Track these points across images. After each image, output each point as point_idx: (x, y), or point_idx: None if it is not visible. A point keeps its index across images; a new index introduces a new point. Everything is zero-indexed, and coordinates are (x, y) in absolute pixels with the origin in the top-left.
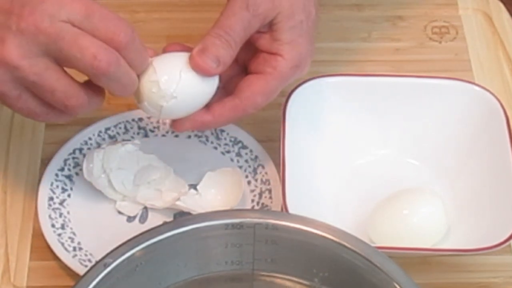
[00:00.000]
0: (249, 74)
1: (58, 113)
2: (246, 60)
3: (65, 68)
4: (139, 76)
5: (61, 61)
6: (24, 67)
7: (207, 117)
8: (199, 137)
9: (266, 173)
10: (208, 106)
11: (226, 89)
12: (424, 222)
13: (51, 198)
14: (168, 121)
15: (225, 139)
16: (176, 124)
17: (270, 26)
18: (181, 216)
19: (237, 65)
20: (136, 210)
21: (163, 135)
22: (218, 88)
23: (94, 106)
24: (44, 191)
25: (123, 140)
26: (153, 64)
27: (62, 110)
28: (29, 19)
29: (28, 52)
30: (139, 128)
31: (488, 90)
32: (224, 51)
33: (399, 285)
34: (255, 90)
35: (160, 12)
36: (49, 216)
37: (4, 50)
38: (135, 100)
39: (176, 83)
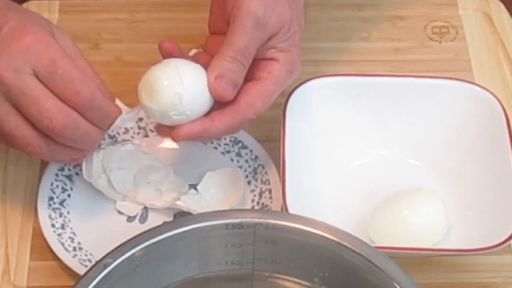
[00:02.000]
0: (245, 82)
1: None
2: None
3: None
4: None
5: (22, 112)
6: None
7: (207, 123)
8: (207, 141)
9: (266, 173)
10: (207, 114)
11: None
12: (424, 222)
13: (51, 198)
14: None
15: (225, 139)
16: (175, 134)
17: (270, 37)
18: (181, 216)
19: None
20: (136, 210)
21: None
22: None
23: (62, 156)
24: (44, 191)
25: (123, 140)
26: (180, 73)
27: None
28: None
29: None
30: (139, 128)
31: (488, 90)
32: (240, 75)
33: (399, 285)
34: (253, 95)
35: (160, 12)
36: (49, 216)
37: None
38: (140, 94)
39: (195, 103)
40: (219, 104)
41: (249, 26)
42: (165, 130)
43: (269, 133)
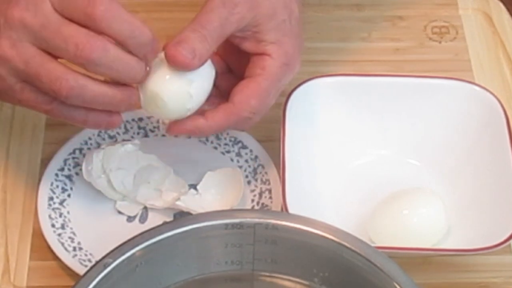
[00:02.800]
0: (240, 80)
1: (58, 104)
2: (240, 69)
3: None
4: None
5: (49, 50)
6: (13, 57)
7: (201, 121)
8: (199, 137)
9: (266, 173)
10: (202, 112)
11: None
12: (424, 222)
13: (51, 198)
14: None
15: (225, 139)
16: (169, 128)
17: (253, 28)
18: (181, 216)
19: (234, 76)
20: (136, 210)
21: (163, 135)
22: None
23: (95, 96)
24: (44, 191)
25: (123, 140)
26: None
27: (57, 98)
28: (14, 11)
29: (16, 42)
30: (139, 128)
31: (488, 90)
32: (199, 44)
33: (399, 285)
34: (248, 93)
35: (160, 12)
36: (49, 216)
37: None
38: (140, 91)
39: (201, 101)
40: (215, 100)
41: (215, 4)
42: (172, 128)
43: (269, 133)
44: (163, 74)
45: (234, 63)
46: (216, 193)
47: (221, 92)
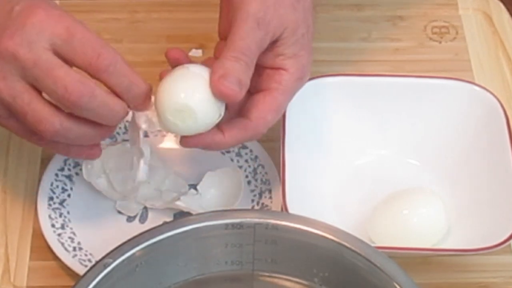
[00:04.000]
0: (253, 92)
1: (38, 138)
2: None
3: None
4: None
5: (38, 88)
6: (2, 89)
7: (219, 136)
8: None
9: (266, 173)
10: (218, 126)
11: (230, 111)
12: (424, 222)
13: (51, 198)
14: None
15: None
16: (185, 141)
17: (273, 42)
18: (181, 216)
19: None
20: (136, 210)
21: (163, 135)
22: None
23: (82, 138)
24: (44, 191)
25: (123, 140)
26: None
27: (38, 134)
28: (8, 44)
29: (6, 74)
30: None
31: (488, 90)
32: (244, 74)
33: (399, 285)
34: (265, 109)
35: (160, 12)
36: (49, 216)
37: None
38: (156, 105)
39: (210, 111)
40: (230, 113)
41: (250, 26)
42: (186, 141)
43: (269, 133)
44: (196, 88)
45: None
46: (216, 193)
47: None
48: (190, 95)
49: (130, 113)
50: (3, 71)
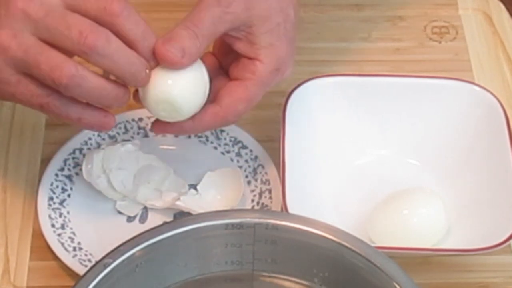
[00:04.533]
0: (230, 80)
1: (55, 98)
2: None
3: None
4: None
5: (51, 40)
6: (12, 46)
7: (188, 123)
8: (199, 137)
9: (266, 173)
10: None
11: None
12: (424, 222)
13: (51, 198)
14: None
15: (225, 139)
16: (156, 126)
17: (246, 29)
18: (181, 216)
19: (225, 76)
20: (136, 210)
21: (163, 135)
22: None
23: (94, 88)
24: (44, 191)
25: (123, 140)
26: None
27: (56, 88)
28: (17, 2)
29: (17, 32)
30: (139, 128)
31: (488, 90)
32: (189, 42)
33: (399, 285)
34: (236, 97)
35: (160, 12)
36: (49, 216)
37: None
38: (143, 93)
39: (196, 98)
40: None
41: (209, 2)
42: (157, 127)
43: (269, 133)
44: (176, 78)
45: (225, 62)
46: (216, 193)
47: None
48: (171, 87)
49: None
50: (13, 29)
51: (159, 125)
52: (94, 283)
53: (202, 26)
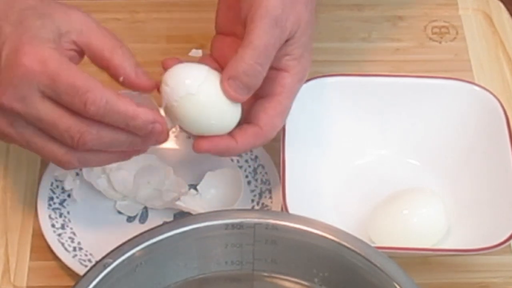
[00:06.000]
0: (257, 94)
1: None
2: None
3: None
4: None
5: (45, 132)
6: (13, 135)
7: (232, 143)
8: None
9: (266, 173)
10: (229, 133)
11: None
12: (424, 222)
13: (51, 198)
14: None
15: None
16: (199, 144)
17: (287, 41)
18: (181, 216)
19: None
20: (136, 210)
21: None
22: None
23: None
24: (44, 191)
25: None
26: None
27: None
28: (3, 100)
29: (13, 122)
30: None
31: (488, 90)
32: (256, 79)
33: (399, 285)
34: (272, 114)
35: (160, 12)
36: (49, 216)
37: None
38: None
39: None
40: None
41: (268, 24)
42: (198, 145)
43: None
44: (210, 90)
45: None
46: (216, 193)
47: None
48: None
49: None
50: (8, 119)
51: (203, 143)
52: (94, 283)
53: (269, 55)
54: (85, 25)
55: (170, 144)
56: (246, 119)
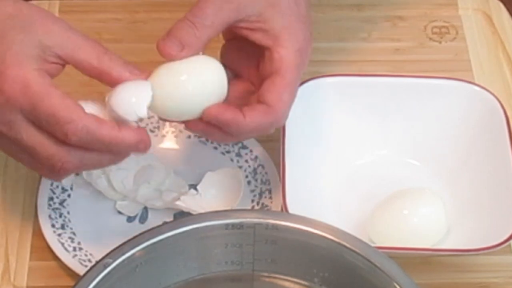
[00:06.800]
0: (263, 79)
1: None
2: (250, 72)
3: None
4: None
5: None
6: (3, 150)
7: (239, 116)
8: (199, 137)
9: (266, 173)
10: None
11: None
12: (424, 222)
13: (51, 198)
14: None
15: None
16: (208, 113)
17: (257, 18)
18: (181, 216)
19: (243, 81)
20: (136, 210)
21: (163, 135)
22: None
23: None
24: (44, 191)
25: None
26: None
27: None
28: None
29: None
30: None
31: (488, 90)
32: (186, 33)
33: (399, 285)
34: (278, 90)
35: (160, 12)
36: (49, 216)
37: None
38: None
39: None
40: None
41: None
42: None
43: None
44: (176, 74)
45: (242, 67)
46: (216, 193)
47: (229, 100)
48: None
49: None
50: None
51: (212, 111)
52: (94, 283)
53: (202, 16)
54: (66, 37)
55: (170, 144)
56: (257, 100)
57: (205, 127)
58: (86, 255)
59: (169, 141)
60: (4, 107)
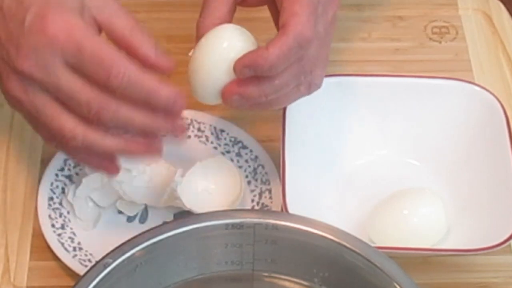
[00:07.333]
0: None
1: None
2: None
3: None
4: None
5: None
6: (24, 101)
7: (262, 50)
8: (199, 137)
9: (266, 173)
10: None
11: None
12: (424, 222)
13: (51, 198)
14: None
15: (225, 139)
16: (238, 62)
17: None
18: (181, 216)
19: None
20: (136, 210)
21: (163, 135)
22: None
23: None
24: (44, 191)
25: None
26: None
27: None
28: (24, 66)
29: (27, 88)
30: None
31: (488, 90)
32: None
33: (399, 285)
34: (290, 9)
35: (160, 12)
36: (49, 216)
37: (6, 84)
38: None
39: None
40: None
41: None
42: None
43: (269, 133)
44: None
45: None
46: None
47: None
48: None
49: None
50: (24, 85)
51: (240, 60)
52: (94, 283)
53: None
54: (105, 2)
55: (170, 144)
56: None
57: (241, 87)
58: (86, 255)
59: (169, 141)
60: (45, 49)
